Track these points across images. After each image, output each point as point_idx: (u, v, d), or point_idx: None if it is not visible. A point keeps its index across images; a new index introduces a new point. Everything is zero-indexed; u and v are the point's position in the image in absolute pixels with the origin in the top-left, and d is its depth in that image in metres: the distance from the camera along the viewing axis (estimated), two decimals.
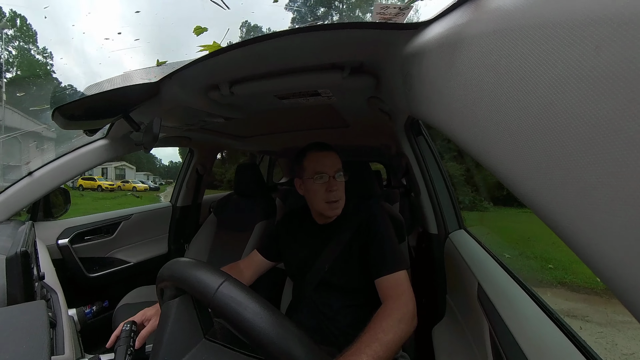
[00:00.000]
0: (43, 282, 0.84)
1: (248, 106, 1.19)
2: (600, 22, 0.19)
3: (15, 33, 23.76)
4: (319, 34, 0.62)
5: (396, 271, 0.88)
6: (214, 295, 0.42)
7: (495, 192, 7.41)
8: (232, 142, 2.09)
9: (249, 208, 1.78)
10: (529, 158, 0.26)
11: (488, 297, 0.76)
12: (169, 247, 2.05)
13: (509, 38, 0.27)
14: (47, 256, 1.12)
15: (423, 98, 0.51)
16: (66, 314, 0.77)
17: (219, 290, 0.43)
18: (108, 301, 1.26)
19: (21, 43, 24.23)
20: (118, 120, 1.11)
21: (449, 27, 0.40)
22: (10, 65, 23.93)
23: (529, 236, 5.87)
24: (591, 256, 0.22)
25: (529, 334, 0.61)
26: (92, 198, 15.22)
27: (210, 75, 0.85)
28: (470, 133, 0.36)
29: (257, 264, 1.12)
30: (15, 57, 24.47)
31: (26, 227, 0.82)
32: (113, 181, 22.57)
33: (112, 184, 21.23)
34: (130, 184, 22.45)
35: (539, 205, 0.26)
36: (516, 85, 0.27)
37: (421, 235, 1.45)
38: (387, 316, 0.75)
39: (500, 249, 4.54)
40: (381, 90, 0.87)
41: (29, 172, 1.24)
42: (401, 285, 0.86)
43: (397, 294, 0.83)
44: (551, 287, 4.00)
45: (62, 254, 1.46)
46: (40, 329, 0.44)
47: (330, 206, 0.96)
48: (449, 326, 1.06)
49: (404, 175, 1.67)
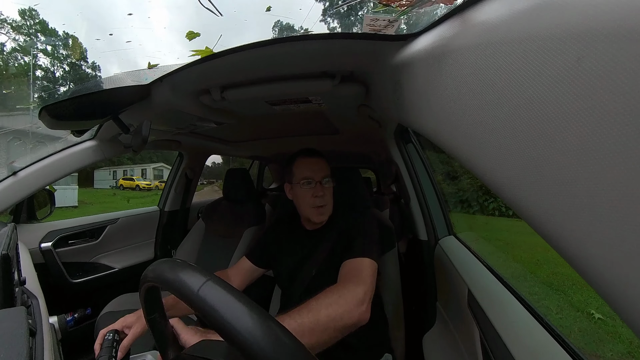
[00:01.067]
0: (24, 287, 0.81)
1: (239, 111, 1.18)
2: (582, 36, 0.20)
3: (68, 52, 29.27)
4: (310, 42, 0.63)
5: (360, 257, 0.84)
6: (197, 294, 0.41)
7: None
8: (223, 147, 2.07)
9: (238, 214, 1.76)
10: (514, 164, 0.27)
11: (478, 303, 0.77)
12: (155, 252, 2.01)
13: (493, 50, 0.28)
14: (29, 260, 1.09)
15: (412, 107, 0.52)
16: (47, 321, 0.73)
17: (201, 289, 0.41)
18: (91, 309, 1.22)
19: (73, 60, 29.28)
20: (107, 121, 1.09)
21: (436, 39, 0.41)
22: (64, 80, 28.90)
23: (537, 259, 3.84)
24: (581, 261, 0.23)
25: (519, 339, 0.62)
26: (122, 197, 16.11)
27: (201, 80, 0.85)
28: (457, 140, 0.37)
29: (246, 270, 1.11)
30: (68, 72, 29.35)
31: (8, 230, 0.79)
32: (151, 181, 23.38)
33: (149, 184, 22.19)
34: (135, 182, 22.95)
35: (526, 211, 0.27)
36: (501, 95, 0.28)
37: (411, 242, 1.47)
38: (330, 292, 0.70)
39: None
40: (371, 99, 0.88)
41: (13, 171, 1.19)
42: (360, 270, 0.80)
43: (351, 276, 0.79)
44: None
45: (44, 258, 1.41)
46: (19, 337, 0.42)
47: (317, 211, 0.98)
48: (440, 333, 1.06)
49: (393, 181, 1.69)
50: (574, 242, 0.23)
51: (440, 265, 1.12)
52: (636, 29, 0.17)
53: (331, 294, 0.70)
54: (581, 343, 2.13)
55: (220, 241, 1.72)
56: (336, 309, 0.66)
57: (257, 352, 0.30)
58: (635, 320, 0.20)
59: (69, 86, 27.80)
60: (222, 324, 0.33)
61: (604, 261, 0.20)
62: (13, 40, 25.50)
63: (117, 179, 24.11)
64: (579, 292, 2.81)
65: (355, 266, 0.82)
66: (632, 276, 0.19)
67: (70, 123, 0.98)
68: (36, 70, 27.17)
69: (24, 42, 26.02)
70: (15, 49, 25.94)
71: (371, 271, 0.82)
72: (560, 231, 0.24)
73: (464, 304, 0.84)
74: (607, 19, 0.19)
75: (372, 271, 0.82)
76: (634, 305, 0.19)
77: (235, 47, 0.66)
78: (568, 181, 0.22)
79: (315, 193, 0.96)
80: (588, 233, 0.21)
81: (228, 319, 0.33)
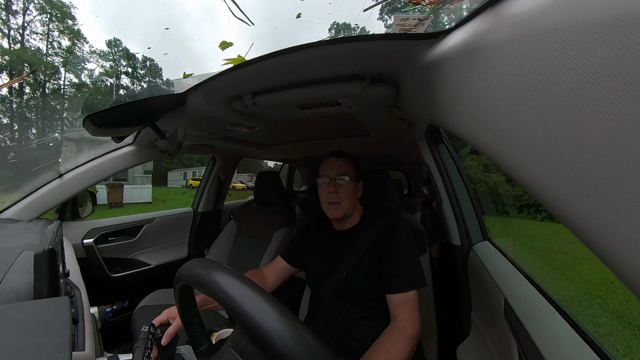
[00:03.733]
0: (67, 279, 0.87)
1: (270, 116, 1.21)
2: (626, 21, 0.18)
3: (146, 72, 32.76)
4: (339, 46, 0.63)
5: (408, 290, 0.89)
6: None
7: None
8: (254, 151, 2.13)
9: (268, 216, 1.80)
10: (550, 163, 0.26)
11: (515, 314, 0.72)
12: (189, 251, 2.10)
13: (529, 43, 0.27)
14: (73, 255, 1.18)
15: (443, 106, 0.50)
16: (88, 311, 0.79)
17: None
18: (128, 302, 1.30)
19: (150, 78, 32.94)
20: (145, 128, 1.16)
21: (468, 35, 0.39)
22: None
23: (610, 280, 3.05)
24: (619, 264, 0.21)
25: (561, 356, 0.57)
26: (189, 195, 17.42)
27: (233, 87, 0.88)
28: (490, 139, 0.35)
29: (280, 269, 1.13)
30: (145, 89, 33.03)
31: (54, 226, 0.86)
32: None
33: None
34: (231, 183, 24.10)
35: (561, 211, 0.26)
36: (537, 90, 0.26)
37: (444, 247, 1.41)
38: (395, 339, 0.80)
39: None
40: (401, 99, 0.87)
41: (59, 174, 1.31)
42: (412, 307, 0.88)
43: (404, 317, 0.86)
44: None
45: (86, 253, 1.53)
46: (63, 324, 0.45)
47: (330, 207, 1.00)
48: (475, 345, 1.01)
49: (425, 184, 1.64)
50: (617, 246, 0.20)
51: (475, 272, 1.06)
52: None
53: (397, 341, 0.79)
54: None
55: (251, 242, 1.77)
56: (403, 353, 0.77)
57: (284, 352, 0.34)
58: None
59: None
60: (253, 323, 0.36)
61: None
62: (101, 67, 29.38)
63: (187, 179, 25.96)
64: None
65: (403, 302, 0.88)
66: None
67: (112, 130, 1.06)
68: (119, 90, 30.49)
69: (109, 68, 29.86)
70: (102, 74, 29.68)
71: (416, 301, 0.89)
72: (600, 236, 0.22)
73: (500, 314, 0.80)
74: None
75: (417, 301, 0.89)
76: None
77: (265, 55, 0.68)
78: (610, 183, 0.20)
79: (328, 189, 0.99)
80: (630, 242, 0.19)
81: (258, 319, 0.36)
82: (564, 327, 0.63)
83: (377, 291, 0.94)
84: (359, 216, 1.07)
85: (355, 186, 1.03)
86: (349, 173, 1.01)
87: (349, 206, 1.00)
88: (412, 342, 0.81)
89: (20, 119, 23.56)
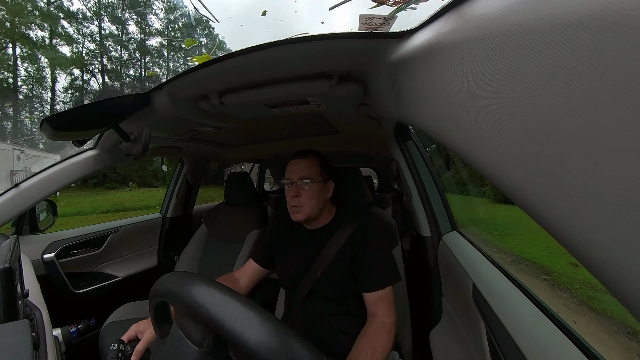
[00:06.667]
0: (27, 299, 0.81)
1: (238, 115, 1.19)
2: (580, 25, 0.20)
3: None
4: (306, 44, 0.63)
5: (384, 287, 0.92)
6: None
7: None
8: (223, 151, 2.08)
9: (240, 217, 1.76)
10: (513, 155, 0.27)
11: (483, 297, 0.77)
12: (158, 259, 2.01)
13: (490, 44, 0.28)
14: (32, 272, 1.09)
15: (410, 103, 0.52)
16: (50, 334, 0.74)
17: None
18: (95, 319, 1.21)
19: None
20: (108, 130, 1.09)
21: (433, 34, 0.41)
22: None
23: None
24: (581, 251, 0.23)
25: (525, 332, 0.62)
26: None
27: (199, 86, 0.86)
28: (456, 135, 0.37)
29: (252, 272, 1.11)
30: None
31: (10, 242, 0.79)
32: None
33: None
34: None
35: (521, 200, 0.28)
36: (499, 88, 0.28)
37: (415, 239, 1.46)
38: (379, 335, 0.84)
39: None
40: (369, 97, 0.89)
41: (15, 183, 1.20)
42: (388, 302, 0.92)
43: (384, 309, 0.90)
44: None
45: (47, 269, 1.41)
46: (23, 351, 0.42)
47: (292, 209, 1.00)
48: (447, 329, 1.06)
49: (395, 179, 1.68)
50: (577, 236, 0.23)
51: (445, 261, 1.12)
52: (637, 16, 0.17)
53: (379, 336, 0.84)
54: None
55: (223, 245, 1.72)
56: (386, 345, 0.82)
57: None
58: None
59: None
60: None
61: (614, 255, 0.20)
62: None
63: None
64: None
65: (381, 299, 0.92)
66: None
67: (72, 133, 0.99)
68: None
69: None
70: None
71: (393, 293, 0.94)
72: (554, 219, 0.24)
73: (469, 298, 0.84)
74: (606, 7, 0.18)
75: (392, 294, 0.94)
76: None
77: (232, 53, 0.67)
78: (568, 171, 0.22)
79: (290, 193, 0.99)
80: (591, 229, 0.21)
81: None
82: (528, 305, 0.68)
83: (353, 288, 0.95)
84: (330, 215, 1.06)
85: (321, 188, 1.00)
86: (313, 175, 0.99)
87: (312, 209, 0.99)
88: (393, 333, 0.87)
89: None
